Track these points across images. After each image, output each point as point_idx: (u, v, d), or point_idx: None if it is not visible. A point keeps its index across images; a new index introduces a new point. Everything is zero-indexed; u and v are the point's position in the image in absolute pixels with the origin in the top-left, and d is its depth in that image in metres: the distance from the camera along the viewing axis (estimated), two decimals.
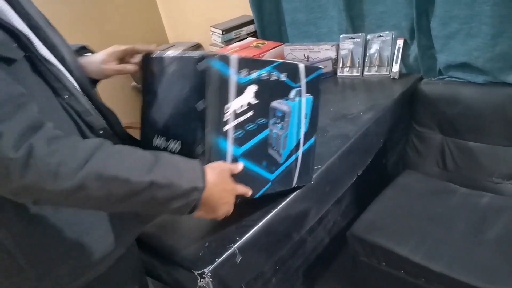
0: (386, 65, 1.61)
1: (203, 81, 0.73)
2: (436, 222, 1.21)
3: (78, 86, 0.73)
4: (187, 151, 0.75)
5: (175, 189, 0.64)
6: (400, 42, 1.56)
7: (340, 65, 1.71)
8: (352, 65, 1.68)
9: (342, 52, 1.70)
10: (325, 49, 1.74)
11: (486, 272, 1.01)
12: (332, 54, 1.72)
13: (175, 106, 0.79)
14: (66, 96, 0.67)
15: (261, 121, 0.84)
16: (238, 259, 0.82)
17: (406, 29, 1.53)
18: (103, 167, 0.57)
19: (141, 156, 0.64)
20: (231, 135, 0.78)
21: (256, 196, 0.84)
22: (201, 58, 0.73)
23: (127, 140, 0.83)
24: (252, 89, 0.80)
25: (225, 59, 0.74)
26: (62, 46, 0.74)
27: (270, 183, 0.87)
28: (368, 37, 1.64)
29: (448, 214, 1.24)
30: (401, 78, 1.57)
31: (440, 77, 1.52)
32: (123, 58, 0.87)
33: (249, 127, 0.81)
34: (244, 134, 0.80)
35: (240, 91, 0.78)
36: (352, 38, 1.67)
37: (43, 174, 0.53)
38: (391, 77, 1.58)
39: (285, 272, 1.29)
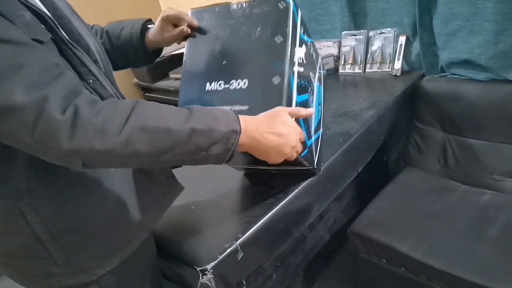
0: (388, 62, 1.60)
1: (282, 18, 0.77)
2: (436, 219, 1.21)
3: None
4: (258, 86, 0.77)
5: (215, 133, 0.65)
6: (402, 39, 1.56)
7: (342, 62, 1.71)
8: (354, 62, 1.68)
9: (344, 49, 1.69)
10: (327, 46, 1.74)
11: (487, 269, 1.02)
12: (334, 51, 1.72)
13: (241, 47, 0.82)
14: (91, 81, 0.68)
15: (306, 82, 0.84)
16: (240, 255, 0.82)
17: (409, 26, 1.53)
18: (145, 120, 0.59)
19: (175, 109, 0.65)
20: (296, 78, 0.79)
21: (302, 155, 0.81)
22: None
23: None
24: (304, 48, 0.83)
25: (296, 5, 0.79)
26: (87, 35, 0.75)
27: (307, 150, 0.85)
28: (370, 34, 1.64)
29: (448, 211, 1.24)
30: (403, 75, 1.57)
31: (442, 74, 1.52)
32: (177, 22, 0.92)
33: (302, 81, 0.82)
34: (300, 84, 0.81)
35: (300, 43, 0.80)
36: (354, 35, 1.66)
37: (90, 133, 0.54)
38: (393, 74, 1.58)
39: (285, 268, 1.30)
